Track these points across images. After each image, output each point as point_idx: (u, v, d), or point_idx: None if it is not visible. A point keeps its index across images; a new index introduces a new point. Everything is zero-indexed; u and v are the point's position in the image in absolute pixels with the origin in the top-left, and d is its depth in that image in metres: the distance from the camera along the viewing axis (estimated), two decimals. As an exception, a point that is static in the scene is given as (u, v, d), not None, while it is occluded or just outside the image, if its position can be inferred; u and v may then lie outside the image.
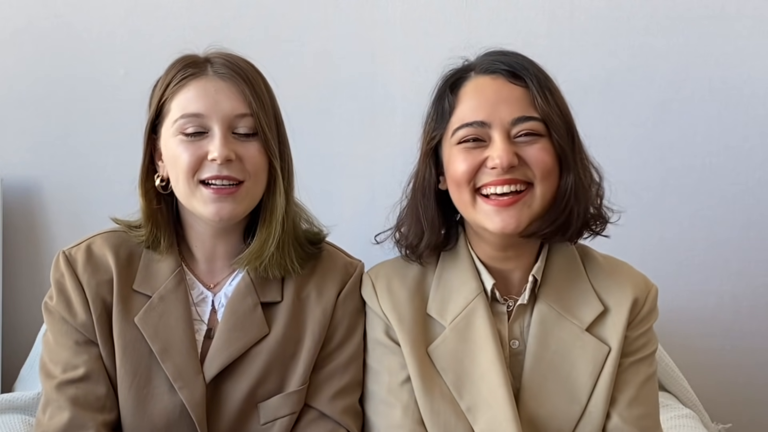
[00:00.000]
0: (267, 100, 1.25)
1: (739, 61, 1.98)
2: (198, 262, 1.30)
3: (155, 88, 1.27)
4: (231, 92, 1.21)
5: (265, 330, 1.25)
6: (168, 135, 1.23)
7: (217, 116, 1.20)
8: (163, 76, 1.26)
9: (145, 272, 1.26)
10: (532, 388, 1.21)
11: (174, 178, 1.23)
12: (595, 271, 1.27)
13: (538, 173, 1.16)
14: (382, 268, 1.31)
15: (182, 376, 1.21)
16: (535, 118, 1.16)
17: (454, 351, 1.22)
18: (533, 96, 1.16)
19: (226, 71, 1.22)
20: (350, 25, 1.96)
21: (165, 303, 1.24)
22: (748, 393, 2.11)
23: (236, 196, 1.21)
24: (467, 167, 1.17)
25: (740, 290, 2.07)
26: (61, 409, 1.19)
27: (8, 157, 1.93)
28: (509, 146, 1.15)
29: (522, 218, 1.16)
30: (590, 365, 1.21)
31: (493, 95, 1.17)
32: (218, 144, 1.19)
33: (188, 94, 1.21)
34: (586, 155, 1.23)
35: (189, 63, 1.24)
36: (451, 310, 1.24)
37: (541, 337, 1.22)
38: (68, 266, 1.25)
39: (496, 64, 1.19)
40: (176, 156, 1.20)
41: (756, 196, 2.03)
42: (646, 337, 1.26)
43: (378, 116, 1.98)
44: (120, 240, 1.28)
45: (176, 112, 1.21)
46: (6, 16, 1.92)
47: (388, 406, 1.24)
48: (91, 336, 1.23)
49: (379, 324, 1.27)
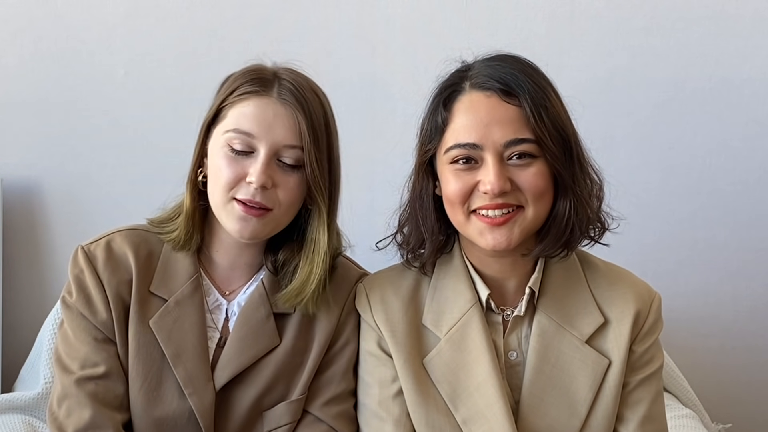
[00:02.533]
0: (322, 136, 1.24)
1: (739, 61, 1.98)
2: (217, 268, 1.30)
3: (221, 87, 1.26)
4: (287, 120, 1.20)
5: (277, 341, 1.26)
6: (217, 143, 1.22)
7: (266, 141, 1.19)
8: (231, 80, 1.25)
9: (162, 274, 1.26)
10: (531, 402, 1.20)
11: (212, 185, 1.23)
12: (597, 281, 1.26)
13: (529, 197, 1.14)
14: (376, 279, 1.31)
15: (193, 382, 1.21)
16: (528, 140, 1.13)
17: (449, 362, 1.21)
18: (527, 116, 1.13)
19: (289, 97, 1.21)
20: (350, 25, 1.96)
21: (180, 308, 1.24)
22: (748, 393, 2.11)
23: (261, 220, 1.21)
24: (460, 191, 1.16)
25: (740, 290, 2.07)
26: (82, 406, 1.18)
27: (8, 157, 1.93)
28: (501, 171, 1.13)
29: (513, 237, 1.15)
30: (590, 378, 1.20)
31: (486, 115, 1.14)
32: (259, 169, 1.18)
33: (246, 110, 1.21)
34: (587, 164, 1.20)
35: (258, 77, 1.23)
36: (447, 321, 1.23)
37: (540, 350, 1.21)
38: (88, 263, 1.24)
39: (491, 81, 1.15)
40: (219, 168, 1.21)
41: (756, 196, 2.03)
42: (652, 350, 1.24)
43: (378, 116, 1.98)
44: (140, 238, 1.28)
45: (230, 122, 1.21)
46: (6, 16, 1.92)
47: (379, 420, 1.24)
48: (110, 334, 1.23)
49: (372, 336, 1.26)
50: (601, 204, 1.22)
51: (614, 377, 1.20)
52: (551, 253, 1.20)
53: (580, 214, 1.17)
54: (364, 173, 1.95)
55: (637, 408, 1.22)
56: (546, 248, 1.19)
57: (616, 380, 1.20)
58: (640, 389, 1.23)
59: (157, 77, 1.94)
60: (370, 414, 1.25)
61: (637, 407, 1.22)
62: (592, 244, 1.24)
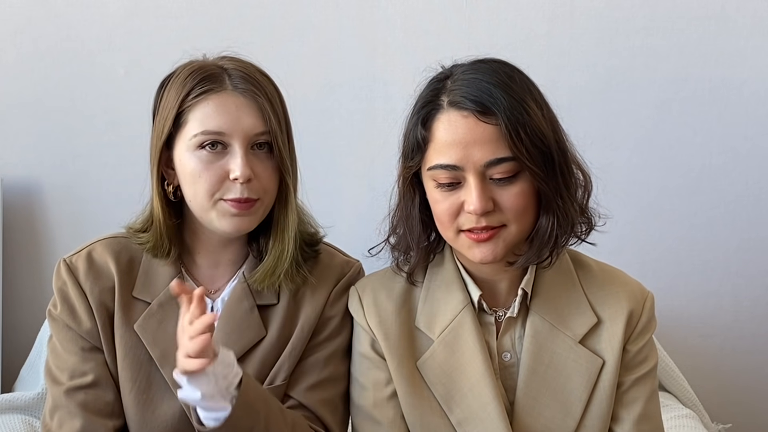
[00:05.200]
0: (282, 116, 1.24)
1: (739, 61, 1.98)
2: (200, 268, 1.30)
3: (166, 95, 1.24)
4: (251, 109, 1.20)
5: (263, 332, 1.26)
6: (183, 148, 1.21)
7: (237, 134, 1.19)
8: (177, 85, 1.22)
9: (144, 278, 1.26)
10: (526, 402, 1.20)
11: (191, 193, 1.21)
12: (590, 281, 1.26)
13: (511, 216, 1.14)
14: (369, 282, 1.30)
15: None
16: (507, 159, 1.12)
17: (443, 364, 1.21)
18: (504, 135, 1.11)
19: (245, 86, 1.20)
20: (350, 25, 1.97)
21: (164, 310, 1.24)
22: (748, 393, 2.11)
23: (251, 212, 1.21)
24: (447, 211, 1.16)
25: (740, 290, 2.07)
26: (72, 416, 1.19)
27: (8, 157, 1.94)
28: (483, 191, 1.12)
29: (498, 250, 1.16)
30: (584, 378, 1.20)
31: (464, 136, 1.12)
32: (240, 164, 1.17)
33: (207, 109, 1.19)
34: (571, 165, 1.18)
35: (206, 75, 1.21)
36: (439, 322, 1.23)
37: (534, 351, 1.21)
38: (70, 274, 1.25)
39: (466, 101, 1.13)
40: (196, 174, 1.19)
41: (756, 196, 2.03)
42: (646, 350, 1.24)
43: (378, 116, 1.98)
44: (120, 246, 1.28)
45: (195, 126, 1.19)
46: (6, 16, 1.92)
47: (373, 422, 1.23)
48: (96, 343, 1.23)
49: (365, 338, 1.26)
50: (587, 200, 1.21)
51: (608, 377, 1.20)
52: (536, 262, 1.20)
53: (563, 224, 1.17)
54: (363, 173, 1.95)
55: (633, 407, 1.22)
56: (530, 258, 1.19)
57: (611, 380, 1.20)
58: (634, 389, 1.23)
59: (157, 77, 1.93)
60: (365, 416, 1.25)
61: (632, 406, 1.22)
62: (579, 242, 1.24)
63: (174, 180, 1.25)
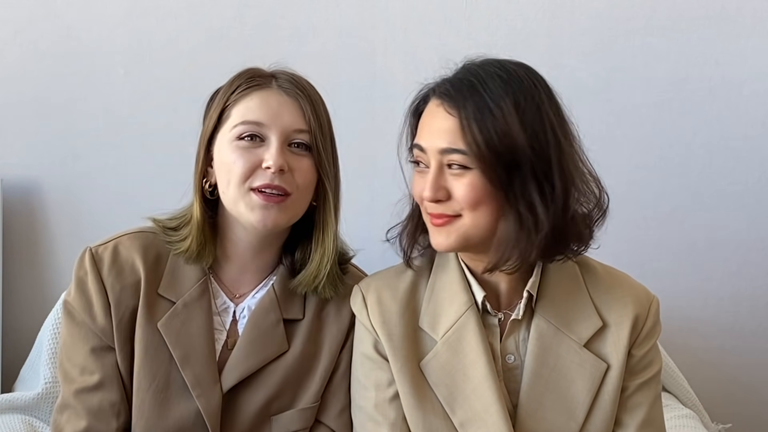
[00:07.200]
0: (325, 121, 1.27)
1: (739, 61, 1.98)
2: (227, 272, 1.30)
3: (215, 97, 1.28)
4: (292, 107, 1.24)
5: (285, 347, 1.27)
6: (224, 141, 1.23)
7: (276, 127, 1.22)
8: (226, 86, 1.27)
9: (170, 277, 1.26)
10: (529, 405, 1.20)
11: (224, 184, 1.23)
12: (596, 285, 1.25)
13: (463, 208, 1.15)
14: (373, 281, 1.30)
15: (200, 384, 1.22)
16: (458, 151, 1.12)
17: (446, 365, 1.21)
18: (461, 128, 1.12)
19: (290, 87, 1.25)
20: (350, 25, 1.96)
21: (188, 310, 1.25)
22: (748, 393, 2.11)
23: (282, 206, 1.22)
24: (415, 191, 1.21)
25: (740, 290, 2.07)
26: (79, 417, 1.21)
27: (8, 157, 1.93)
28: (436, 179, 1.15)
29: (451, 240, 1.17)
30: (588, 382, 1.20)
31: (432, 123, 1.16)
32: (274, 153, 1.20)
33: (250, 103, 1.23)
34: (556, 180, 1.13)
35: (254, 75, 1.26)
36: (443, 323, 1.23)
37: (539, 353, 1.20)
38: (93, 266, 1.25)
39: (441, 90, 1.17)
40: (230, 162, 1.21)
41: (756, 196, 2.03)
42: (651, 354, 1.24)
43: (378, 116, 1.98)
44: (148, 241, 1.28)
45: (236, 118, 1.23)
46: (6, 16, 1.92)
47: (375, 423, 1.23)
48: (108, 341, 1.23)
49: (368, 338, 1.26)
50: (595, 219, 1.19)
51: (613, 381, 1.20)
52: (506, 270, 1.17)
53: (531, 234, 1.13)
54: (364, 173, 1.95)
55: (636, 412, 1.22)
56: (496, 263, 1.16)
57: (615, 384, 1.20)
58: (638, 393, 1.23)
59: (157, 77, 1.94)
60: (366, 417, 1.25)
61: (635, 411, 1.22)
62: (564, 260, 1.21)
63: (212, 177, 1.26)
